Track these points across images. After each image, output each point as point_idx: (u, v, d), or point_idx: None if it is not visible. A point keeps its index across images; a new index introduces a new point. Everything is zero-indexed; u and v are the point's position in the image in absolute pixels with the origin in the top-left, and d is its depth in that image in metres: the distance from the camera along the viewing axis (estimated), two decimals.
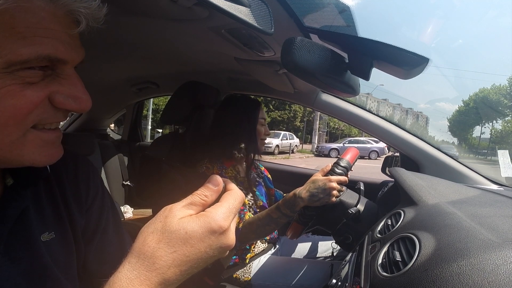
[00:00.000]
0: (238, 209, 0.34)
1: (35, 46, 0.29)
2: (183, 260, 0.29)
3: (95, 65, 1.35)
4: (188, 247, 0.29)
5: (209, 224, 0.30)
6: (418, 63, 0.54)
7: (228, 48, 0.89)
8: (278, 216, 0.88)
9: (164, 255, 0.28)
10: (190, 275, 0.31)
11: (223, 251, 0.32)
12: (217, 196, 0.33)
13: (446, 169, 1.14)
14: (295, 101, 1.43)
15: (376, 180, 1.46)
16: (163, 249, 0.29)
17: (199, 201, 0.32)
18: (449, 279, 0.36)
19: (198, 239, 0.30)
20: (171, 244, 0.29)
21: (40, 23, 0.30)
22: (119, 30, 0.85)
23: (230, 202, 0.33)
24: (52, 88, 0.33)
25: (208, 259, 0.31)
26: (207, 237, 0.30)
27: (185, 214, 0.31)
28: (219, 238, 0.31)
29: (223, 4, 0.40)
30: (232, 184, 0.36)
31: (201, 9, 0.61)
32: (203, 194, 0.33)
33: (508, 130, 38.30)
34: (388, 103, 73.78)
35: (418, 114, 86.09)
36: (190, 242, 0.29)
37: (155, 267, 0.28)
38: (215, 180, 0.34)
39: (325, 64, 0.57)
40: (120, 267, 0.29)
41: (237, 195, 0.34)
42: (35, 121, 0.32)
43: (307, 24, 0.68)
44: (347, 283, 0.61)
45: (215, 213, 0.31)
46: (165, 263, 0.28)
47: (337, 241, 0.98)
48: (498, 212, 0.58)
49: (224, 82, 1.44)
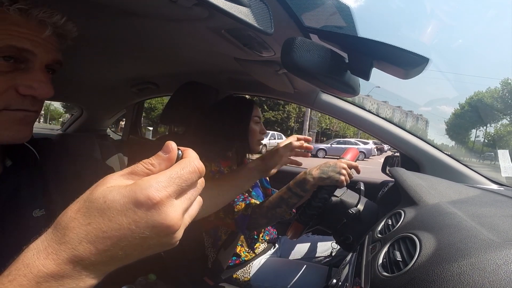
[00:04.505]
0: (187, 180, 0.27)
1: (5, 39, 0.38)
2: (99, 235, 0.24)
3: (95, 65, 1.36)
4: (105, 220, 0.24)
5: (134, 193, 0.24)
6: (418, 63, 0.54)
7: (228, 48, 0.89)
8: (288, 196, 0.86)
9: (77, 227, 0.24)
10: (119, 262, 0.25)
11: (160, 234, 0.25)
12: (168, 165, 0.27)
13: (446, 169, 1.14)
14: (295, 101, 1.43)
15: (376, 180, 1.46)
16: (78, 220, 0.24)
17: (142, 170, 0.27)
18: (450, 279, 0.36)
19: (118, 211, 0.24)
20: (87, 215, 0.24)
21: (12, 27, 0.38)
22: (119, 30, 0.85)
23: (174, 170, 0.26)
24: (18, 80, 0.40)
25: (137, 241, 0.24)
26: (131, 210, 0.24)
27: (120, 183, 0.26)
28: (148, 213, 0.24)
29: (223, 4, 0.40)
30: (190, 151, 0.29)
31: (201, 9, 0.61)
32: (149, 162, 0.27)
33: (500, 134, 38.41)
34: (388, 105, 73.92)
35: (418, 117, 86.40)
36: (107, 214, 0.24)
37: (65, 239, 0.24)
38: (166, 147, 0.28)
39: (325, 64, 0.57)
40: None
41: (188, 163, 0.27)
42: (3, 106, 0.39)
43: (307, 24, 0.68)
44: (348, 283, 0.61)
45: (146, 182, 0.25)
46: (77, 236, 0.24)
47: (338, 241, 0.98)
48: (498, 212, 0.58)
49: (224, 82, 1.44)
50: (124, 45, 1.03)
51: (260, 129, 1.11)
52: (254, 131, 1.09)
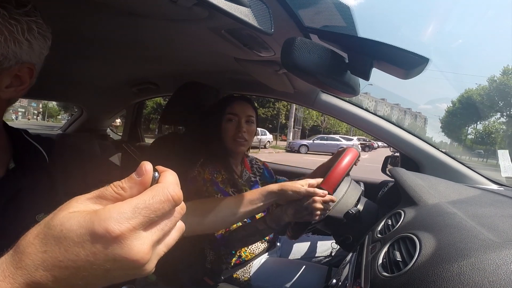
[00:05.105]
0: (157, 211, 0.24)
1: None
2: (55, 264, 0.22)
3: (95, 65, 1.36)
4: (61, 250, 0.22)
5: (92, 224, 0.22)
6: (418, 63, 0.54)
7: (228, 48, 0.89)
8: (263, 228, 0.87)
9: (33, 253, 0.23)
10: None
11: (124, 268, 0.23)
12: (140, 190, 0.25)
13: (446, 169, 1.14)
14: (295, 101, 1.43)
15: (376, 180, 1.46)
16: (35, 246, 0.23)
17: (110, 194, 0.24)
18: (450, 279, 0.36)
19: (74, 242, 0.22)
20: (44, 242, 0.23)
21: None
22: (119, 30, 0.86)
23: (142, 199, 0.24)
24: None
25: (98, 272, 0.23)
26: (87, 242, 0.22)
27: (84, 208, 0.24)
28: (108, 247, 0.22)
29: (223, 4, 0.40)
30: (168, 175, 0.26)
31: (201, 9, 0.61)
32: (119, 185, 0.25)
33: (488, 131, 38.59)
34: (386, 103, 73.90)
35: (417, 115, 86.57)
36: (64, 244, 0.22)
37: (21, 264, 0.23)
38: (140, 169, 0.25)
39: (325, 64, 0.57)
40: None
41: (160, 191, 0.24)
42: None
43: (307, 24, 0.68)
44: (348, 283, 0.61)
45: (107, 212, 0.23)
46: (33, 262, 0.23)
47: (338, 241, 0.98)
48: (498, 212, 0.58)
49: (224, 82, 1.44)
50: (124, 45, 1.03)
51: (237, 128, 1.02)
52: (225, 129, 1.03)
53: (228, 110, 1.03)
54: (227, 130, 1.03)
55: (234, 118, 1.03)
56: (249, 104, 1.07)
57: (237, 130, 1.02)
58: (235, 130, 1.03)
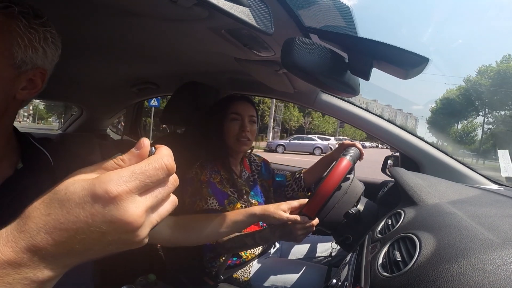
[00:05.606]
0: (152, 177, 0.26)
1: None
2: (56, 226, 0.24)
3: (95, 65, 1.36)
4: (63, 212, 0.24)
5: (93, 186, 0.24)
6: (418, 63, 0.54)
7: (228, 49, 0.89)
8: (252, 243, 0.88)
9: (37, 216, 0.24)
10: (79, 256, 0.25)
11: (119, 230, 0.24)
12: (138, 161, 0.27)
13: (446, 169, 1.14)
14: (295, 101, 1.43)
15: (376, 180, 1.46)
16: (40, 210, 0.24)
17: (111, 165, 0.26)
18: (450, 279, 0.36)
19: (76, 203, 0.24)
20: (49, 205, 0.24)
21: None
22: (119, 30, 0.86)
23: (139, 166, 0.25)
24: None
25: (95, 235, 0.24)
26: (88, 203, 0.24)
27: (87, 177, 0.26)
28: (105, 207, 0.24)
29: (223, 4, 0.40)
30: (164, 149, 0.28)
31: (201, 9, 0.61)
32: (120, 158, 0.27)
33: (466, 130, 38.89)
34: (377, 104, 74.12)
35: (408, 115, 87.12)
36: (66, 206, 0.24)
37: (25, 228, 0.24)
38: (139, 143, 0.27)
39: (325, 64, 0.57)
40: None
41: (155, 160, 0.26)
42: None
43: (307, 24, 0.68)
44: (348, 283, 0.61)
45: (107, 176, 0.24)
46: (36, 225, 0.24)
47: (338, 241, 0.98)
48: (498, 212, 0.58)
49: (224, 83, 1.44)
50: (124, 45, 1.03)
51: (242, 128, 1.03)
52: (228, 128, 1.03)
53: (232, 110, 1.03)
54: (230, 130, 1.03)
55: (238, 117, 1.04)
56: (250, 104, 1.08)
57: (241, 129, 1.03)
58: (238, 130, 1.03)
